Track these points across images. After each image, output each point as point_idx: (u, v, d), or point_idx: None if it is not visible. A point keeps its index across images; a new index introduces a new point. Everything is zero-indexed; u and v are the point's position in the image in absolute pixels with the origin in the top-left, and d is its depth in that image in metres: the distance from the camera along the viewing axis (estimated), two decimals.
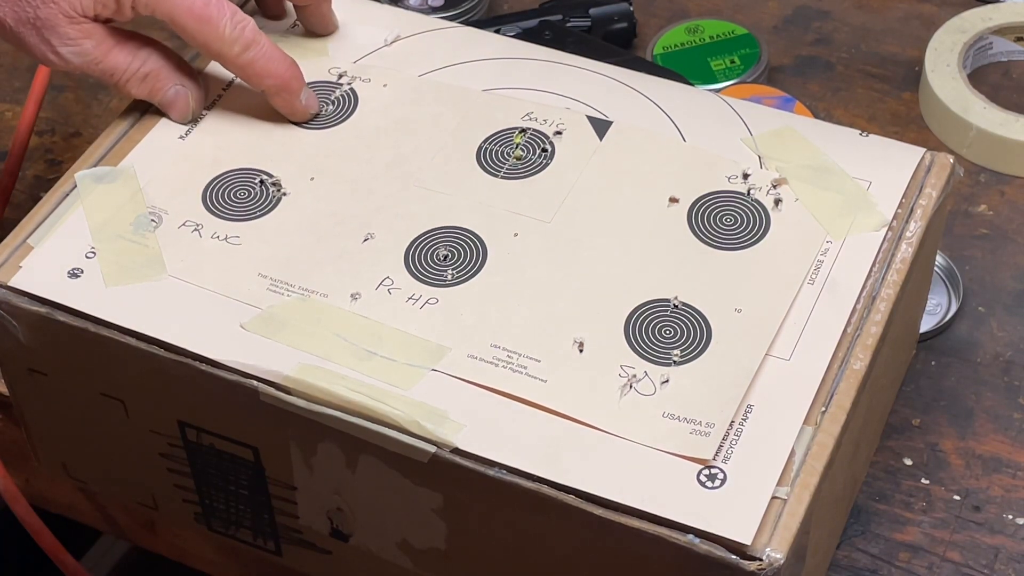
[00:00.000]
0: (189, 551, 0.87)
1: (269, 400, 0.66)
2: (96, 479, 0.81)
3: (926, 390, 0.82)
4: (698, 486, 0.62)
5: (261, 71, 0.75)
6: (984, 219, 0.91)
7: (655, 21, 1.04)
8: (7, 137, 0.96)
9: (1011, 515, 0.77)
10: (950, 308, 0.86)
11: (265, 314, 0.69)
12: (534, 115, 0.77)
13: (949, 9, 1.03)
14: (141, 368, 0.69)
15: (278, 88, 0.76)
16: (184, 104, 0.76)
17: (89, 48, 0.73)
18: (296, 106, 0.77)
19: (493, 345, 0.67)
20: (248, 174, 0.75)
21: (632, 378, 0.66)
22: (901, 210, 0.72)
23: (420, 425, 0.64)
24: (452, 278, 0.70)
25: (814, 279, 0.69)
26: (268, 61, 0.75)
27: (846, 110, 0.98)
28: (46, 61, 0.74)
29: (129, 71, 0.75)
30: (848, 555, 0.76)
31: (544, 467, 0.63)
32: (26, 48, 0.74)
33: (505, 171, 0.74)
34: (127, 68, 0.75)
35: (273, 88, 0.76)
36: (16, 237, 0.73)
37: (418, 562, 0.70)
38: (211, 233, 0.72)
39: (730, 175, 0.74)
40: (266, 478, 0.71)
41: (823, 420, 0.64)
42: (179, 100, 0.76)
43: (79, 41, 0.73)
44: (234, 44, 0.74)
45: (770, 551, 0.60)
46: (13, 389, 0.77)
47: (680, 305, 0.68)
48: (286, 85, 0.76)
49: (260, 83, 0.76)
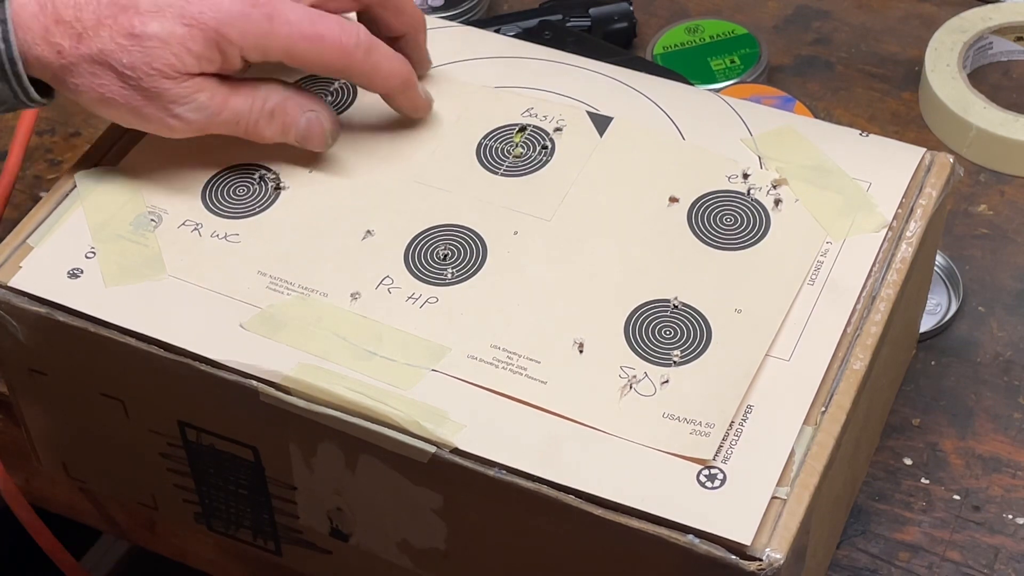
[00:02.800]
0: (189, 551, 0.87)
1: (269, 400, 0.66)
2: (96, 479, 0.81)
3: (926, 390, 0.82)
4: (698, 486, 0.62)
5: (387, 71, 0.73)
6: (984, 219, 0.91)
7: (655, 21, 1.04)
8: (7, 137, 0.96)
9: (1011, 515, 0.77)
10: (950, 308, 0.86)
11: (265, 313, 0.69)
12: (534, 111, 0.77)
13: (949, 9, 1.03)
14: (141, 368, 0.69)
15: (403, 85, 0.74)
16: (320, 131, 0.74)
17: (205, 101, 0.70)
18: (419, 100, 0.75)
19: (493, 346, 0.67)
20: (247, 169, 0.75)
21: (632, 379, 0.66)
22: (901, 210, 0.72)
23: (420, 425, 0.64)
24: (452, 277, 0.70)
25: (814, 279, 0.69)
26: (390, 60, 0.73)
27: (846, 110, 0.98)
28: (166, 128, 0.71)
29: (254, 112, 0.72)
30: (848, 555, 0.76)
31: (544, 467, 0.63)
32: (145, 120, 0.71)
33: (505, 168, 0.74)
34: (251, 110, 0.72)
35: (399, 86, 0.74)
36: (16, 237, 0.73)
37: (418, 562, 0.70)
38: (211, 232, 0.72)
39: (730, 175, 0.74)
40: (266, 478, 0.71)
41: (823, 420, 0.64)
42: (313, 128, 0.73)
43: (192, 97, 0.70)
44: (357, 49, 0.71)
45: (770, 551, 0.60)
46: (13, 389, 0.77)
47: (680, 305, 0.68)
48: (408, 80, 0.74)
49: (385, 83, 0.73)
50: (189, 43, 0.68)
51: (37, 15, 0.69)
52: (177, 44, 0.68)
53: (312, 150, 0.74)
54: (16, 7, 0.69)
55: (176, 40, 0.68)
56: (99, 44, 0.69)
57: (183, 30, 0.68)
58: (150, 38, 0.68)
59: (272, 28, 0.69)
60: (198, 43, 0.69)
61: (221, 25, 0.68)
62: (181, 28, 0.68)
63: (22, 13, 0.69)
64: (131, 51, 0.69)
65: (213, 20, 0.68)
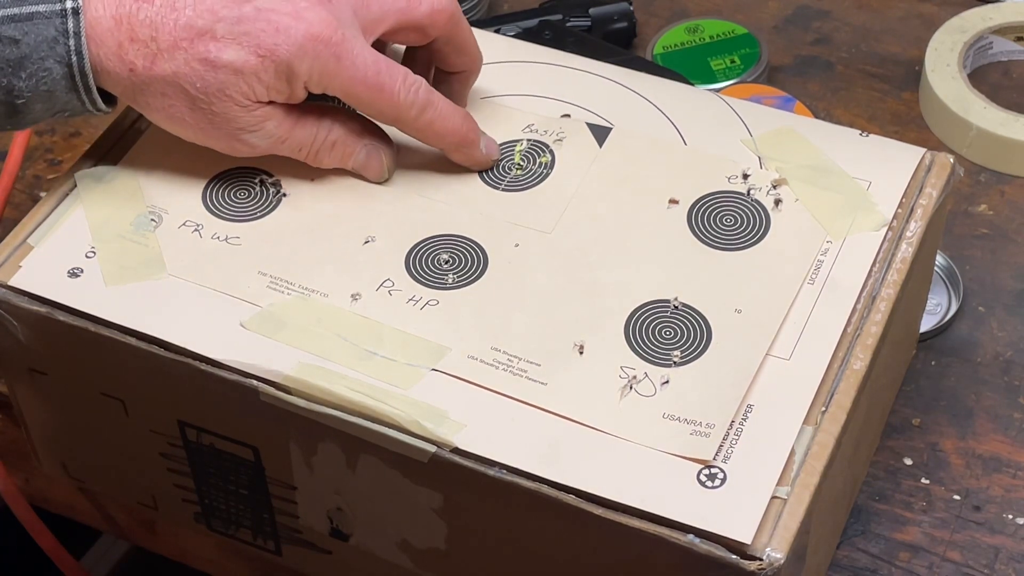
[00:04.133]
0: (189, 551, 0.87)
1: (269, 400, 0.66)
2: (96, 479, 0.81)
3: (926, 390, 0.82)
4: (698, 486, 0.62)
5: (440, 130, 0.73)
6: (984, 219, 0.91)
7: (655, 21, 1.05)
8: (7, 137, 0.96)
9: (1011, 515, 0.77)
10: (950, 308, 0.86)
11: (265, 313, 0.69)
12: (534, 127, 0.77)
13: (949, 9, 1.03)
14: (141, 368, 0.69)
15: (458, 144, 0.74)
16: (378, 163, 0.74)
17: (272, 129, 0.71)
18: (477, 156, 0.75)
19: (493, 348, 0.67)
20: (248, 173, 0.75)
21: (632, 379, 0.66)
22: (901, 210, 0.72)
23: (420, 425, 0.64)
24: (453, 282, 0.70)
25: (814, 279, 0.69)
26: (445, 119, 0.73)
27: (846, 110, 0.98)
28: (233, 150, 0.72)
29: (316, 141, 0.73)
30: (848, 555, 0.76)
31: (544, 467, 0.63)
32: (211, 141, 0.72)
33: (506, 184, 0.74)
34: (314, 139, 0.73)
35: (453, 145, 0.74)
36: (16, 237, 0.73)
37: (418, 562, 0.70)
38: (211, 234, 0.72)
39: (730, 175, 0.74)
40: (266, 478, 0.71)
41: (823, 420, 0.64)
42: (372, 160, 0.74)
43: (261, 124, 0.71)
44: (411, 108, 0.72)
45: (770, 551, 0.60)
46: (13, 389, 0.77)
47: (680, 306, 0.68)
48: (465, 139, 0.74)
49: (440, 142, 0.74)
50: (261, 73, 0.69)
51: (112, 31, 0.69)
52: (250, 73, 0.69)
53: (371, 180, 0.75)
54: (90, 20, 0.69)
55: (249, 69, 0.69)
56: (173, 67, 0.70)
57: (256, 60, 0.69)
58: (224, 66, 0.69)
59: (338, 69, 0.70)
60: (269, 74, 0.69)
61: (293, 58, 0.69)
62: (255, 59, 0.69)
63: (96, 27, 0.69)
64: (204, 76, 0.69)
65: (286, 54, 0.69)
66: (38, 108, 0.71)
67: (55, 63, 0.69)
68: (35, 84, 0.69)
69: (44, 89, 0.70)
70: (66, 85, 0.70)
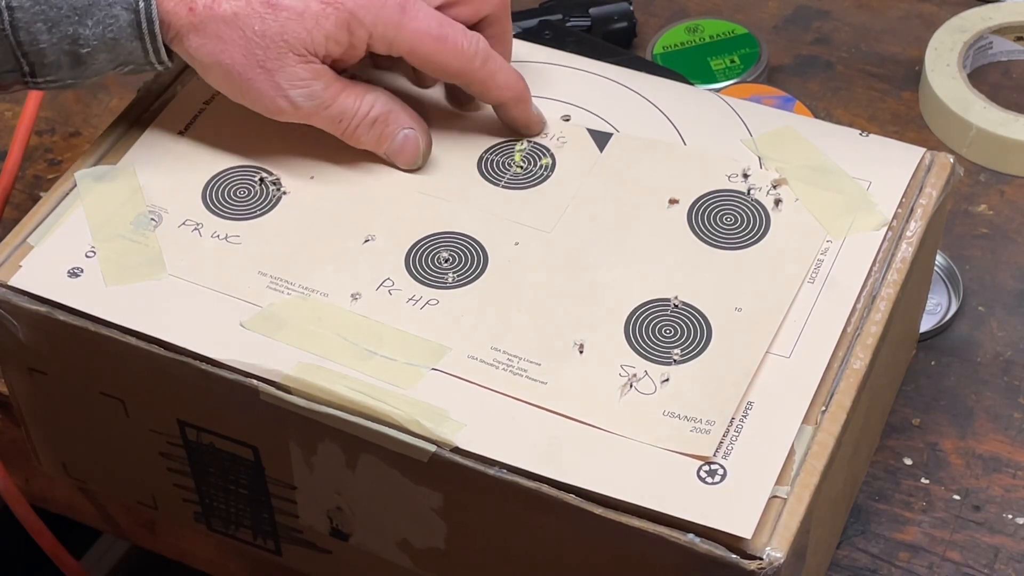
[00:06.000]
0: (189, 551, 0.87)
1: (269, 399, 0.66)
2: (96, 479, 0.81)
3: (926, 390, 0.82)
4: (698, 482, 0.62)
5: (502, 82, 0.73)
6: (984, 219, 0.91)
7: (655, 21, 1.05)
8: (7, 137, 0.96)
9: (1011, 515, 0.77)
10: (950, 308, 0.86)
11: (265, 312, 0.69)
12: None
13: (949, 9, 1.03)
14: (141, 367, 0.69)
15: (517, 98, 0.74)
16: (414, 148, 0.74)
17: (319, 90, 0.71)
18: (532, 116, 0.75)
19: (493, 348, 0.67)
20: (248, 171, 0.75)
21: (632, 377, 0.66)
22: (901, 210, 0.72)
23: (420, 424, 0.64)
24: (453, 281, 0.70)
25: (814, 278, 0.69)
26: (507, 73, 0.73)
27: (846, 110, 0.98)
28: (274, 107, 0.71)
29: (358, 116, 0.72)
30: (848, 555, 0.76)
31: (544, 466, 0.63)
32: (253, 94, 0.71)
33: (506, 181, 0.74)
34: (356, 112, 0.72)
35: (512, 99, 0.74)
36: (16, 237, 0.73)
37: (418, 562, 0.70)
38: (211, 232, 0.72)
39: (730, 175, 0.74)
40: (266, 477, 0.71)
41: (823, 420, 0.64)
42: (408, 145, 0.74)
43: (309, 82, 0.71)
44: (475, 58, 0.72)
45: (770, 550, 0.60)
46: (13, 389, 0.77)
47: (680, 304, 0.68)
48: (523, 94, 0.74)
49: (500, 95, 0.74)
50: (323, 20, 0.69)
51: None
52: (311, 19, 0.69)
53: (401, 167, 0.75)
54: None
55: (311, 15, 0.69)
56: (234, 7, 0.69)
57: (319, 7, 0.69)
58: (287, 8, 0.69)
59: (403, 21, 0.70)
60: (331, 22, 0.69)
61: (358, 8, 0.69)
62: (318, 5, 0.69)
63: None
64: (265, 18, 0.69)
65: (351, 2, 0.69)
66: (102, 58, 0.70)
67: (122, 9, 0.69)
68: (101, 31, 0.69)
69: (110, 37, 0.69)
70: (132, 32, 0.69)
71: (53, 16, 0.69)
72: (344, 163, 0.75)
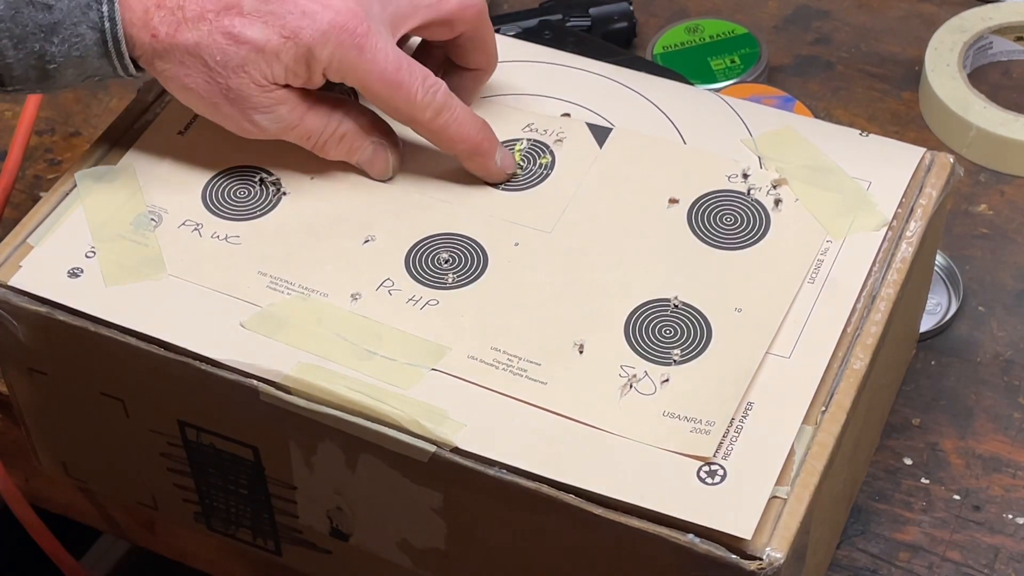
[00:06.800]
0: (189, 551, 0.87)
1: (269, 399, 0.66)
2: (96, 479, 0.81)
3: (926, 390, 0.82)
4: (698, 483, 0.62)
5: (454, 136, 0.73)
6: (984, 219, 0.91)
7: (655, 21, 1.05)
8: (7, 137, 0.96)
9: (1011, 515, 0.77)
10: (950, 308, 0.86)
11: (265, 312, 0.69)
12: (534, 126, 0.77)
13: (949, 9, 1.03)
14: (141, 368, 0.69)
15: (471, 152, 0.73)
16: (383, 160, 0.74)
17: (284, 114, 0.71)
18: (491, 168, 0.74)
19: (493, 348, 0.67)
20: (247, 172, 0.75)
21: (632, 378, 0.66)
22: (901, 210, 0.72)
23: (420, 424, 0.64)
24: (452, 282, 0.70)
25: (814, 278, 0.69)
26: (460, 125, 0.73)
27: (846, 110, 0.98)
28: (241, 129, 0.72)
29: (325, 133, 0.73)
30: (848, 555, 0.76)
31: (544, 466, 0.63)
32: (220, 117, 0.72)
33: (506, 183, 0.74)
34: (323, 130, 0.73)
35: (466, 152, 0.74)
36: (16, 237, 0.73)
37: (418, 562, 0.70)
38: (211, 233, 0.72)
39: (730, 175, 0.74)
40: (266, 478, 0.71)
41: (823, 420, 0.64)
42: (377, 157, 0.74)
43: (274, 108, 0.71)
44: (426, 109, 0.72)
45: (770, 550, 0.60)
46: (13, 389, 0.77)
47: (680, 305, 0.68)
48: (478, 148, 0.73)
49: (453, 147, 0.73)
50: (282, 54, 0.69)
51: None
52: (271, 53, 0.69)
53: (373, 178, 0.75)
54: None
55: (271, 49, 0.69)
56: (196, 36, 0.70)
57: (279, 41, 0.69)
58: (247, 42, 0.69)
59: (359, 61, 0.70)
60: (289, 56, 0.69)
61: (315, 44, 0.69)
62: (278, 39, 0.69)
63: None
64: (226, 50, 0.69)
65: (309, 38, 0.69)
66: (69, 73, 0.71)
67: (88, 29, 0.69)
68: (67, 50, 0.69)
69: (76, 55, 0.70)
70: (98, 51, 0.70)
71: (19, 33, 0.69)
72: (344, 164, 0.75)
